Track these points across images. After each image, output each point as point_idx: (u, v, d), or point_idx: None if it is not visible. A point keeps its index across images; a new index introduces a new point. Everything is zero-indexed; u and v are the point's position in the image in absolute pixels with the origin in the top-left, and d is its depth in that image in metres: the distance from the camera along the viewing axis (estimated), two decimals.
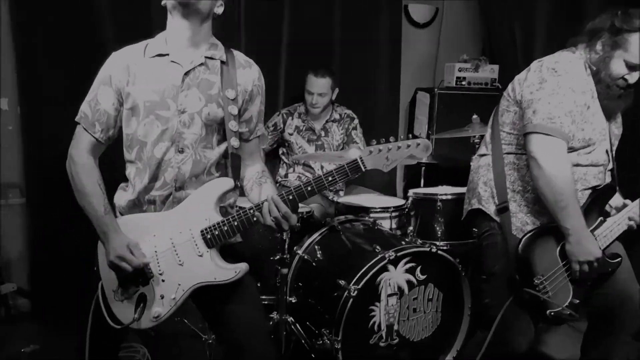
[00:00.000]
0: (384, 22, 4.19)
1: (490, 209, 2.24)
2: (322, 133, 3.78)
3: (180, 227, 1.81)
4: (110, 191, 1.90)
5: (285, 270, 2.72)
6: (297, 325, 2.81)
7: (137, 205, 1.88)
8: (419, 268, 2.66)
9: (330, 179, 1.73)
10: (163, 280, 1.80)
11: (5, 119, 3.35)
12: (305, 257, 2.91)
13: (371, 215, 3.23)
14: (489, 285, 2.38)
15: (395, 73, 4.39)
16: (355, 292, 2.45)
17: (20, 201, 3.46)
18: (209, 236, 1.79)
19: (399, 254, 2.55)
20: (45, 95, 3.26)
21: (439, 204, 3.13)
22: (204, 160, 1.85)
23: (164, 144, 1.81)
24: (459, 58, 4.31)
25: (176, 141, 1.81)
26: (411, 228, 3.17)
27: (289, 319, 2.79)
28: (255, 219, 1.77)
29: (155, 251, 1.81)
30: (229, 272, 1.79)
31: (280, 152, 3.83)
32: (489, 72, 4.27)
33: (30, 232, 3.44)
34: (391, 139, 1.74)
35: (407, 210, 3.28)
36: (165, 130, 1.81)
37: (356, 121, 3.85)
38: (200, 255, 1.80)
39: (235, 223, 1.78)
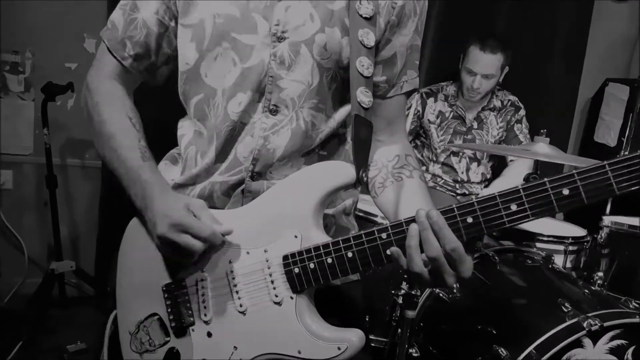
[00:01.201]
0: None
1: None
2: (475, 124, 2.81)
3: (249, 243, 1.01)
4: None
5: (411, 313, 1.81)
6: None
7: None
8: (631, 349, 1.65)
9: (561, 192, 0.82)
10: (209, 335, 1.01)
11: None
12: (441, 294, 1.99)
13: (539, 246, 2.22)
14: None
15: (577, 57, 3.37)
16: None
17: (97, 164, 2.90)
18: (297, 270, 0.97)
19: (606, 324, 1.54)
20: None
21: None
22: (311, 130, 1.05)
23: (244, 95, 1.03)
24: None
25: (266, 92, 1.03)
26: (600, 274, 2.11)
27: None
28: (389, 252, 0.91)
29: (201, 280, 1.03)
30: (326, 346, 0.97)
31: (412, 145, 2.91)
32: None
33: (103, 204, 2.87)
34: None
35: (596, 246, 2.22)
36: (247, 71, 1.02)
37: (522, 112, 2.86)
38: (278, 303, 0.99)
39: (350, 255, 0.94)
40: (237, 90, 1.03)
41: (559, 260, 2.28)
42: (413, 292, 1.81)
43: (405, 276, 1.27)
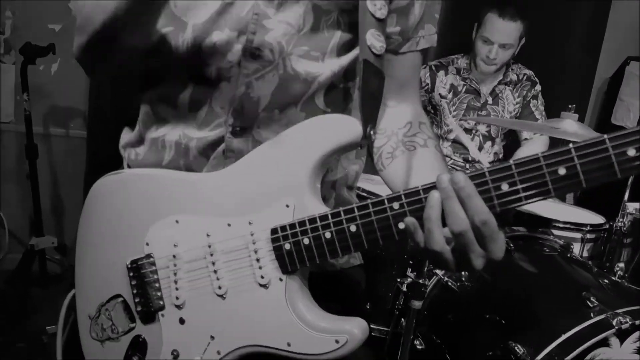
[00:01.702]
0: None
1: None
2: (490, 99, 2.62)
3: (230, 214, 0.83)
4: None
5: (417, 304, 1.64)
6: None
7: (151, 159, 0.94)
8: None
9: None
10: (182, 322, 0.85)
11: None
12: (449, 283, 1.83)
13: (556, 233, 2.05)
14: None
15: (596, 34, 3.18)
16: None
17: (82, 134, 2.72)
18: (288, 246, 0.80)
19: (637, 322, 1.38)
20: None
21: None
22: (303, 76, 0.87)
23: (221, 33, 0.85)
24: None
25: (248, 32, 0.85)
26: (621, 265, 1.93)
27: None
28: (402, 226, 0.73)
29: (174, 255, 0.85)
30: (321, 339, 0.80)
31: None
32: None
33: (88, 176, 2.69)
34: None
35: (617, 234, 2.04)
36: (229, 6, 0.85)
37: (538, 87, 2.71)
38: (264, 286, 0.82)
39: (353, 228, 0.77)
40: (213, 27, 0.84)
41: (576, 249, 2.11)
42: (420, 281, 1.64)
43: (418, 257, 1.05)
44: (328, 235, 0.77)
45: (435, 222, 0.70)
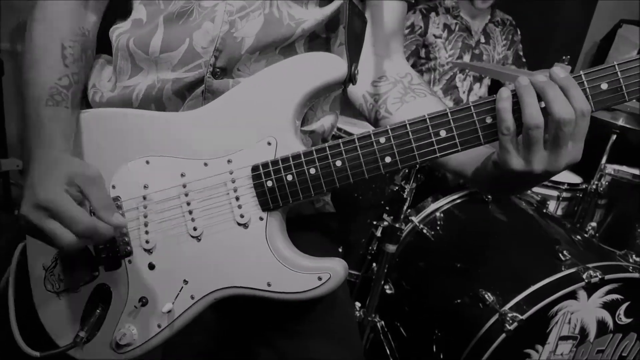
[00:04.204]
0: None
1: None
2: (482, 38, 2.58)
3: (207, 152, 0.80)
4: None
5: (392, 248, 1.64)
6: (389, 336, 1.76)
7: (117, 101, 0.87)
8: (625, 305, 1.52)
9: None
10: (152, 268, 0.81)
11: None
12: (424, 230, 1.83)
13: (533, 189, 2.05)
14: None
15: None
16: (514, 324, 1.34)
17: None
18: (270, 183, 0.78)
19: (607, 277, 1.40)
20: None
21: None
22: (287, 20, 0.84)
23: None
24: None
25: None
26: (594, 224, 1.96)
27: (378, 324, 1.74)
28: (388, 159, 0.77)
29: (144, 197, 0.81)
30: (303, 277, 0.79)
31: (410, 64, 2.65)
32: None
33: None
34: None
35: (592, 194, 2.06)
36: None
37: (519, 36, 2.69)
38: (244, 225, 0.79)
39: (339, 163, 0.78)
40: None
41: (551, 206, 2.14)
42: (397, 225, 1.63)
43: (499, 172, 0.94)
44: (313, 171, 0.76)
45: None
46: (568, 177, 2.31)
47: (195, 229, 0.79)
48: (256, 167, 0.77)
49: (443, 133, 0.73)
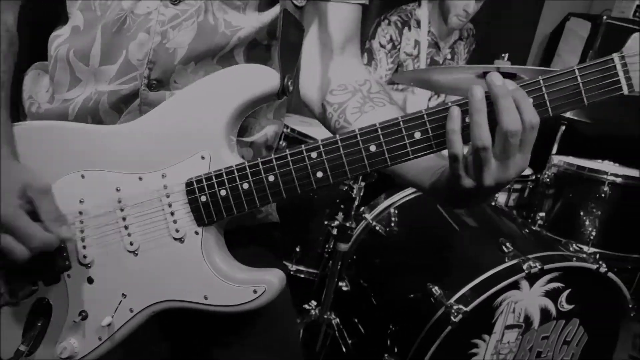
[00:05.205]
0: None
1: None
2: (448, 55, 2.60)
3: (141, 167, 0.81)
4: None
5: (344, 246, 1.67)
6: (345, 332, 1.80)
7: (54, 114, 0.87)
8: (566, 292, 1.59)
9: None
10: (90, 282, 0.82)
11: None
12: (377, 227, 1.86)
13: None
14: None
15: None
16: (459, 316, 1.39)
17: None
18: (204, 198, 0.79)
19: (546, 267, 1.46)
20: None
21: (604, 189, 1.96)
22: (222, 28, 0.83)
23: None
24: None
25: None
26: (542, 214, 2.04)
27: (333, 321, 1.78)
28: (319, 175, 0.78)
29: (80, 212, 0.82)
30: (239, 290, 0.80)
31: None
32: None
33: None
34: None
35: (541, 185, 2.13)
36: None
37: (475, 43, 2.70)
38: (180, 239, 0.80)
39: (272, 178, 0.79)
40: None
41: (502, 198, 2.20)
42: (347, 224, 1.67)
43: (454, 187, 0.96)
44: (246, 186, 0.77)
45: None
46: None
47: (131, 243, 0.80)
48: (190, 182, 0.78)
49: (373, 148, 0.74)
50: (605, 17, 2.91)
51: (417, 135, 0.73)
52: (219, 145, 0.78)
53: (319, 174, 0.76)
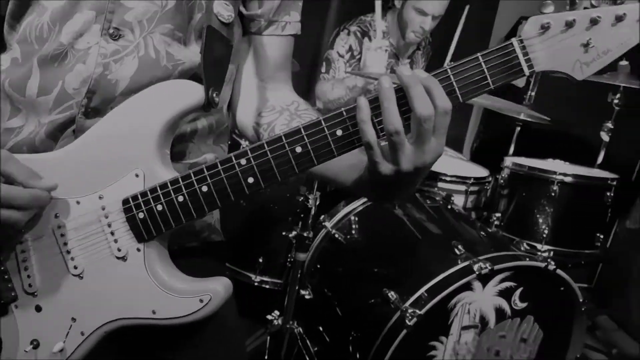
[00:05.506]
0: None
1: None
2: (408, 64, 2.65)
3: (78, 190, 0.83)
4: None
5: (302, 256, 1.69)
6: (307, 341, 1.82)
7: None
8: (518, 291, 1.64)
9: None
10: (38, 310, 0.84)
11: None
12: (336, 235, 1.89)
13: (440, 185, 2.16)
14: None
15: None
16: (414, 319, 1.42)
17: None
18: (141, 215, 0.81)
19: (496, 267, 1.50)
20: None
21: (554, 188, 2.02)
22: (164, 62, 0.87)
23: (80, 15, 0.83)
24: None
25: (106, 12, 0.84)
26: (498, 215, 2.09)
27: (296, 330, 1.80)
28: (250, 180, 0.79)
29: (21, 242, 0.83)
30: (185, 301, 0.82)
31: None
32: None
33: None
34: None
35: (497, 187, 2.19)
36: None
37: (430, 54, 2.76)
38: (122, 258, 0.82)
39: (205, 189, 0.80)
40: (74, 9, 0.82)
41: (460, 200, 2.25)
42: (305, 234, 1.69)
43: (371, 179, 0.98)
44: (181, 198, 0.79)
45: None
46: (477, 170, 2.43)
47: (75, 267, 0.82)
48: (126, 200, 0.80)
49: (299, 149, 0.76)
50: None
51: (339, 132, 0.76)
52: (152, 162, 0.80)
53: (250, 180, 0.78)
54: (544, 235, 2.06)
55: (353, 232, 1.92)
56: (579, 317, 1.76)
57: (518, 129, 2.56)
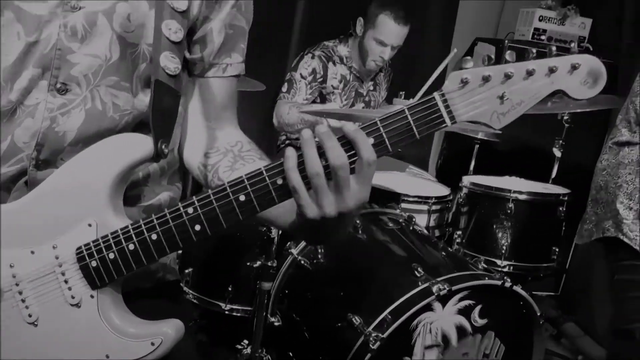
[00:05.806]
0: None
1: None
2: (371, 86, 2.75)
3: (32, 241, 0.85)
4: None
5: (267, 285, 1.73)
6: None
7: None
8: (477, 308, 1.70)
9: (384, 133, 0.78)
10: None
11: None
12: (302, 261, 1.93)
13: (404, 206, 2.22)
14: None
15: (449, 16, 3.45)
16: (377, 343, 1.47)
17: None
18: (94, 263, 0.84)
19: (454, 287, 1.56)
20: None
21: (510, 205, 2.11)
22: (111, 113, 0.90)
23: (27, 72, 0.86)
24: (540, 3, 3.20)
25: (53, 68, 0.86)
26: (459, 232, 2.16)
27: (265, 358, 1.82)
28: (197, 228, 0.82)
29: None
30: (137, 345, 0.85)
31: None
32: (578, 27, 3.17)
33: None
34: (507, 56, 0.79)
35: (456, 205, 2.26)
36: (32, 46, 0.86)
37: (391, 74, 2.86)
38: (77, 305, 0.85)
39: (154, 237, 0.83)
40: (21, 67, 0.85)
41: (423, 219, 2.31)
42: (269, 264, 1.72)
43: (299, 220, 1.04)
44: (132, 246, 0.82)
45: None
46: (439, 190, 2.51)
47: (30, 315, 0.84)
48: (80, 250, 0.83)
49: (242, 197, 0.80)
50: (507, 41, 3.14)
51: (280, 181, 0.79)
52: (104, 212, 0.83)
53: (197, 227, 0.81)
54: (503, 251, 2.13)
55: (319, 256, 1.96)
56: (538, 329, 1.82)
57: (477, 146, 2.65)
